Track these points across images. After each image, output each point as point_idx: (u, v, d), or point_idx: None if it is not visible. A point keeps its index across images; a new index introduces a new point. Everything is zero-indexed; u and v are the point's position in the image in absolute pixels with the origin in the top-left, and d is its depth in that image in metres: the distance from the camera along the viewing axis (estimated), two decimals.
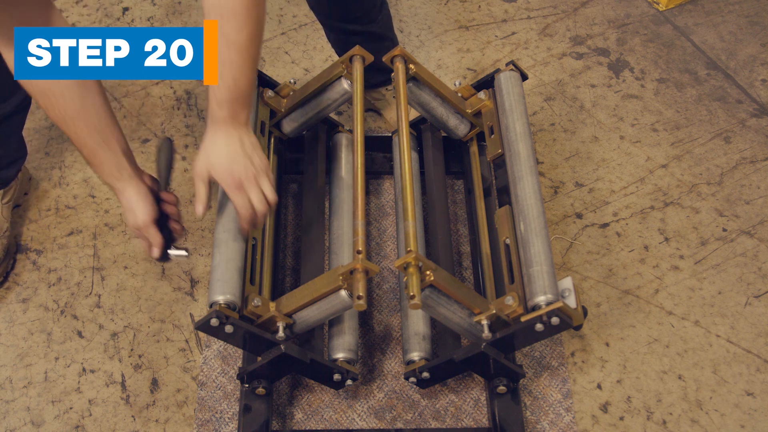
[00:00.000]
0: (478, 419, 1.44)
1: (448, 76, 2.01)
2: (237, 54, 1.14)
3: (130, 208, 1.29)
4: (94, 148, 1.25)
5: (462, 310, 1.30)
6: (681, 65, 2.05)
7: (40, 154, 1.81)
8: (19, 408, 1.44)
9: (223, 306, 1.24)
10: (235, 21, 1.11)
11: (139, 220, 1.29)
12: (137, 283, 1.60)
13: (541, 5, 2.20)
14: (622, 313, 1.58)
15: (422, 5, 2.19)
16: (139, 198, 1.28)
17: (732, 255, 1.68)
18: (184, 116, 1.90)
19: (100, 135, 1.25)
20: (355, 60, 1.49)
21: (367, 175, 1.76)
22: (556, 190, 1.78)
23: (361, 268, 1.24)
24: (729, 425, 1.44)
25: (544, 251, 1.29)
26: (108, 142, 1.26)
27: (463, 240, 1.68)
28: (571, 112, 1.94)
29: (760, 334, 1.56)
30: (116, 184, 1.28)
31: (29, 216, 1.70)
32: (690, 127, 1.92)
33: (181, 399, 1.46)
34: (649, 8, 2.19)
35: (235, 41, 1.13)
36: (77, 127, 1.23)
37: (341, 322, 1.38)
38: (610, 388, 1.49)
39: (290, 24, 2.12)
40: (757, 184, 1.80)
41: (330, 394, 1.46)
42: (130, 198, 1.28)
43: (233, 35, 1.12)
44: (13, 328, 1.54)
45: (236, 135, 1.22)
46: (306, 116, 1.59)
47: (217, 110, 1.19)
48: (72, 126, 1.23)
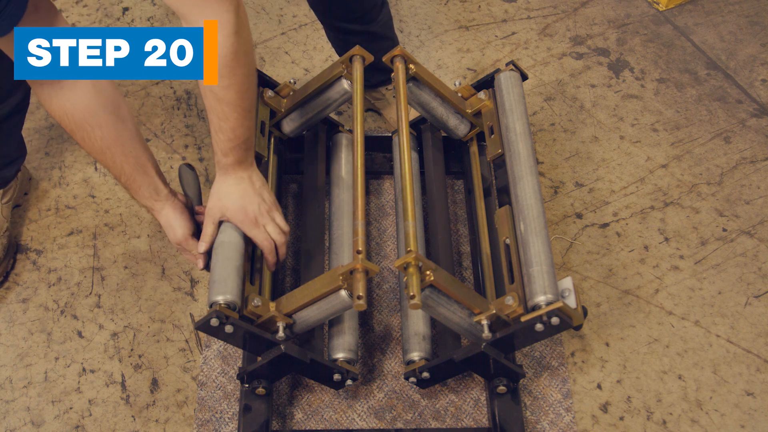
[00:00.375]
0: (478, 419, 1.44)
1: (448, 76, 2.01)
2: (229, 108, 1.19)
3: (170, 226, 1.36)
4: (132, 174, 1.31)
5: (462, 310, 1.30)
6: (681, 65, 2.05)
7: (40, 154, 1.81)
8: (19, 408, 1.44)
9: (223, 306, 1.24)
10: (221, 80, 1.15)
11: (178, 235, 1.36)
12: (137, 283, 1.60)
13: (541, 5, 2.20)
14: (622, 313, 1.58)
15: (422, 5, 2.19)
16: (176, 215, 1.36)
17: (732, 255, 1.68)
18: (184, 116, 1.90)
19: (136, 161, 1.31)
20: (355, 60, 1.49)
21: (367, 175, 1.76)
22: (556, 190, 1.78)
23: (361, 268, 1.24)
24: (729, 425, 1.44)
25: (544, 251, 1.29)
26: (144, 166, 1.32)
27: (463, 240, 1.68)
28: (571, 112, 1.94)
29: (760, 334, 1.56)
30: (154, 205, 1.35)
31: (29, 216, 1.70)
32: (690, 127, 1.92)
33: (181, 399, 1.46)
34: (649, 8, 2.19)
35: (224, 98, 1.18)
36: (115, 156, 1.29)
37: (341, 322, 1.38)
38: (610, 388, 1.49)
39: (290, 24, 2.12)
40: (757, 184, 1.80)
41: (330, 394, 1.46)
42: (168, 216, 1.36)
43: (221, 93, 1.17)
44: (13, 328, 1.54)
45: (246, 175, 1.29)
46: (306, 116, 1.59)
47: (223, 158, 1.26)
48: (110, 155, 1.29)
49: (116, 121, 1.27)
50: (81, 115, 1.23)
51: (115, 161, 1.29)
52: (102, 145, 1.27)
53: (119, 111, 1.27)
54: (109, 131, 1.26)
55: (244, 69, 1.17)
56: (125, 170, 1.31)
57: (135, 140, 1.31)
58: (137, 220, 1.70)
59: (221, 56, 1.12)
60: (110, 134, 1.26)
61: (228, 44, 1.11)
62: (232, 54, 1.12)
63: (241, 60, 1.15)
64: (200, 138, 1.85)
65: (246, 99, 1.21)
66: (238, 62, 1.14)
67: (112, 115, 1.26)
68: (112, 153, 1.28)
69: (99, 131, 1.25)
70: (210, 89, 1.17)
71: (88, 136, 1.26)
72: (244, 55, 1.15)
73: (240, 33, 1.12)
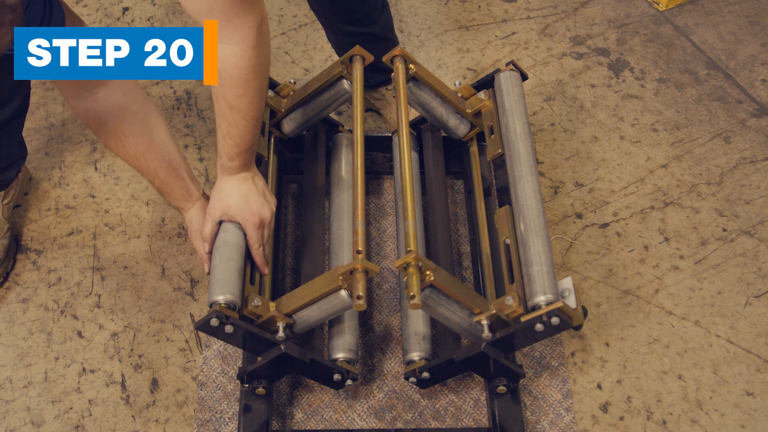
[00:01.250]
0: (478, 419, 1.44)
1: (448, 76, 2.01)
2: (239, 116, 1.23)
3: (191, 223, 1.42)
4: (165, 178, 1.36)
5: (462, 310, 1.30)
6: (681, 65, 2.05)
7: (40, 154, 1.81)
8: (19, 408, 1.44)
9: (223, 306, 1.24)
10: (236, 89, 1.19)
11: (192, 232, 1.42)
12: (137, 283, 1.60)
13: (541, 5, 2.20)
14: (622, 313, 1.58)
15: (422, 5, 2.19)
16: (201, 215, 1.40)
17: (732, 255, 1.68)
18: (184, 116, 1.90)
19: (168, 165, 1.35)
20: (355, 60, 1.49)
21: (367, 175, 1.76)
22: (556, 190, 1.78)
23: (361, 268, 1.24)
24: (729, 425, 1.44)
25: (544, 251, 1.29)
26: (177, 170, 1.37)
27: (463, 240, 1.68)
28: (571, 112, 1.94)
29: (760, 334, 1.56)
30: (186, 205, 1.41)
31: (29, 216, 1.70)
32: (690, 127, 1.92)
33: (181, 399, 1.46)
34: (649, 8, 2.19)
35: (236, 106, 1.21)
36: (148, 161, 1.33)
37: (341, 322, 1.38)
38: (610, 388, 1.49)
39: (290, 24, 2.12)
40: (757, 184, 1.80)
41: (330, 394, 1.46)
42: (191, 215, 1.42)
43: (234, 101, 1.21)
44: (13, 328, 1.54)
45: (249, 177, 1.33)
46: (306, 116, 1.59)
47: (228, 162, 1.29)
48: (144, 160, 1.33)
49: (149, 128, 1.31)
50: (114, 123, 1.27)
51: (149, 166, 1.33)
52: (135, 151, 1.32)
53: (150, 117, 1.31)
54: (143, 138, 1.30)
55: (258, 81, 1.20)
56: (159, 174, 1.35)
57: (168, 146, 1.35)
58: (137, 220, 1.70)
59: (239, 68, 1.16)
60: (143, 141, 1.31)
61: (247, 57, 1.15)
62: (249, 67, 1.17)
63: (258, 73, 1.19)
64: (200, 138, 1.85)
65: (256, 109, 1.24)
66: (254, 75, 1.18)
67: (144, 123, 1.30)
68: (147, 158, 1.33)
69: (132, 138, 1.30)
70: (223, 96, 1.21)
71: (122, 144, 1.31)
72: (261, 68, 1.19)
73: (260, 47, 1.16)
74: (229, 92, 1.20)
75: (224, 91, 1.20)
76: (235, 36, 1.13)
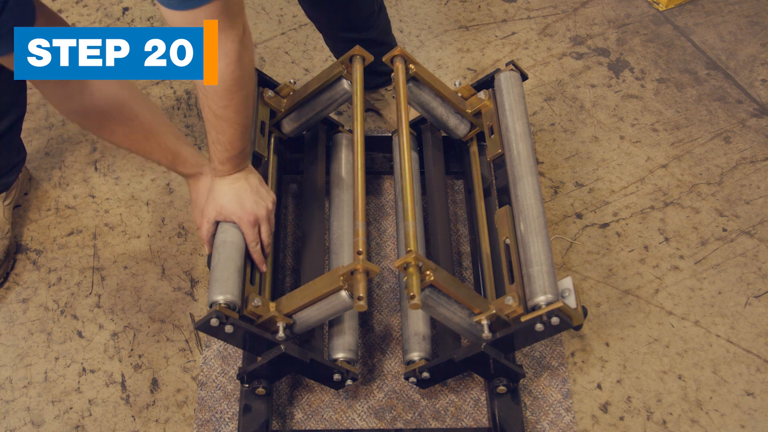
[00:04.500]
0: (478, 419, 1.44)
1: (448, 76, 2.01)
2: (226, 124, 1.24)
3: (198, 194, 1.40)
4: (177, 149, 1.35)
5: (462, 310, 1.30)
6: (681, 65, 2.05)
7: (40, 154, 1.81)
8: (19, 408, 1.44)
9: (223, 306, 1.24)
10: (220, 101, 1.20)
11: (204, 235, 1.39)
12: (137, 283, 1.60)
13: (541, 5, 2.20)
14: (622, 313, 1.58)
15: (422, 5, 2.19)
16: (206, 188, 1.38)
17: (732, 255, 1.68)
18: (184, 116, 1.90)
19: (175, 136, 1.35)
20: (355, 60, 1.49)
21: (367, 175, 1.76)
22: (556, 190, 1.78)
23: (361, 269, 1.24)
24: (729, 425, 1.44)
25: (544, 251, 1.29)
26: (184, 140, 1.37)
27: (463, 240, 1.68)
28: (571, 112, 1.94)
29: (760, 334, 1.56)
30: (203, 170, 1.38)
31: (29, 216, 1.70)
32: (690, 127, 1.92)
33: (181, 399, 1.46)
34: (649, 8, 2.19)
35: (222, 115, 1.22)
36: (158, 137, 1.32)
37: (341, 322, 1.38)
38: (610, 388, 1.49)
39: (290, 24, 2.12)
40: (757, 184, 1.80)
41: (330, 394, 1.46)
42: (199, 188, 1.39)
43: (220, 111, 1.22)
44: (13, 328, 1.54)
45: (242, 176, 1.33)
46: (306, 116, 1.59)
47: (219, 166, 1.30)
48: (154, 139, 1.32)
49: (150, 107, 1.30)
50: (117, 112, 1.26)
51: (160, 142, 1.32)
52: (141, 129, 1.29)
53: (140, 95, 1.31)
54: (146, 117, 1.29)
55: (243, 92, 1.21)
56: (170, 147, 1.33)
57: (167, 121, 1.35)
58: (137, 220, 1.70)
59: (222, 81, 1.16)
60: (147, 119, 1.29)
61: (230, 71, 1.16)
62: (232, 80, 1.17)
63: (242, 85, 1.19)
64: (200, 138, 1.85)
65: (243, 116, 1.25)
66: (239, 87, 1.19)
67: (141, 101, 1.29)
68: (157, 135, 1.31)
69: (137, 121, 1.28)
70: (208, 105, 1.21)
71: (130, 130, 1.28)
72: (244, 80, 1.19)
73: (242, 60, 1.17)
74: (215, 103, 1.20)
75: (209, 102, 1.21)
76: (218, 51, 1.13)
